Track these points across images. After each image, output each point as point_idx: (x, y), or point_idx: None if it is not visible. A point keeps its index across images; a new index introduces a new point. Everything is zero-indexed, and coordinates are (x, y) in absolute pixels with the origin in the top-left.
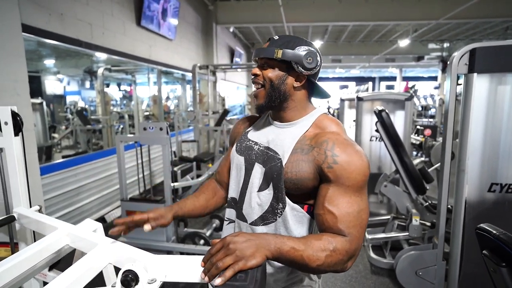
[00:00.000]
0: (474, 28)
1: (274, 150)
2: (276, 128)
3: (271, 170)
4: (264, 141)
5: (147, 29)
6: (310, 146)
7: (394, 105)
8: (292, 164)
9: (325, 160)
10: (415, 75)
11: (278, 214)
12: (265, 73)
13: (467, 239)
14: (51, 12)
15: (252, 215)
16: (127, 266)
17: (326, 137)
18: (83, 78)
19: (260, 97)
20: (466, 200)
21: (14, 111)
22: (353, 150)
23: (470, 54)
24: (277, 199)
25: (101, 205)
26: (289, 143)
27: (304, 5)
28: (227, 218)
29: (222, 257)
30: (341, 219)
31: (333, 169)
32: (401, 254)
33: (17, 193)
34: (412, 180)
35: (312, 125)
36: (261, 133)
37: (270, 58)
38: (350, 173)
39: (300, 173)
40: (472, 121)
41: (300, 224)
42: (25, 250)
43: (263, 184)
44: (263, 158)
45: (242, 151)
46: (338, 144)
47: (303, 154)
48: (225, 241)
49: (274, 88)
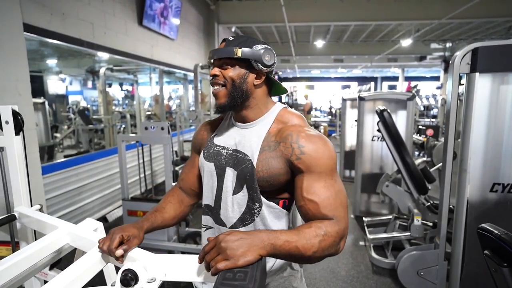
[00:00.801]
0: (477, 28)
1: (243, 152)
2: (240, 129)
3: (243, 172)
4: (231, 144)
5: (149, 28)
6: (276, 142)
7: (396, 105)
8: (262, 163)
9: (292, 153)
10: (417, 75)
11: (255, 214)
12: (226, 72)
13: (469, 239)
14: (53, 11)
15: (230, 219)
16: (126, 265)
17: (289, 130)
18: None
19: (220, 97)
20: (468, 200)
21: (15, 110)
22: (317, 138)
23: (472, 53)
24: (252, 200)
25: (102, 205)
26: (255, 142)
27: (306, 4)
28: (204, 225)
29: (214, 256)
30: (323, 205)
31: (302, 160)
32: (403, 254)
33: (18, 192)
34: (414, 180)
35: (275, 121)
36: (227, 137)
37: (229, 58)
38: (319, 160)
39: (271, 170)
40: (474, 121)
41: (278, 220)
42: (25, 249)
43: (237, 186)
44: (233, 161)
45: (211, 158)
46: (302, 136)
47: (270, 151)
48: (218, 239)
49: (236, 87)
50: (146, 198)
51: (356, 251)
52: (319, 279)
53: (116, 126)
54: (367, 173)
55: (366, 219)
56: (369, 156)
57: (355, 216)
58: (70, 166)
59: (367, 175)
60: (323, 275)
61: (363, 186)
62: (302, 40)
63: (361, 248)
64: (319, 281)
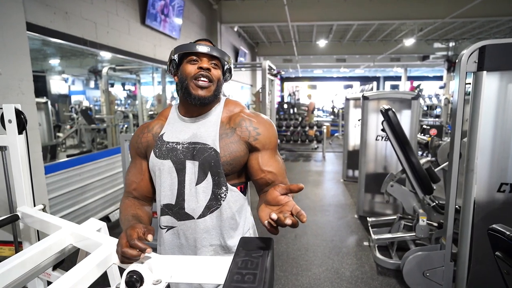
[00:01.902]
0: (480, 27)
1: (202, 143)
2: (192, 123)
3: (206, 160)
4: (185, 138)
5: (151, 28)
6: (231, 128)
7: (401, 104)
8: (224, 149)
9: (250, 135)
10: (420, 74)
11: (222, 199)
12: (215, 72)
13: (476, 240)
14: (56, 10)
15: (198, 208)
16: (131, 267)
17: (239, 117)
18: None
19: (209, 90)
20: (475, 200)
21: (18, 109)
22: (263, 119)
23: (480, 51)
24: (218, 185)
25: (105, 204)
26: (213, 131)
27: (309, 4)
28: (165, 226)
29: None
30: (278, 174)
31: (259, 140)
32: (408, 255)
33: (21, 192)
34: (419, 179)
35: (223, 111)
36: (179, 132)
37: (219, 60)
38: (270, 138)
39: (233, 153)
40: (481, 120)
41: (239, 203)
42: (29, 249)
43: (200, 176)
44: (192, 153)
45: (165, 155)
46: (252, 119)
47: (228, 137)
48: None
49: (219, 88)
50: None
51: (360, 252)
52: (323, 279)
53: (118, 126)
54: (371, 173)
55: (370, 219)
56: (373, 155)
57: (358, 216)
58: (73, 165)
59: (371, 175)
60: (328, 276)
61: (367, 186)
62: (305, 39)
63: (365, 249)
64: (323, 282)
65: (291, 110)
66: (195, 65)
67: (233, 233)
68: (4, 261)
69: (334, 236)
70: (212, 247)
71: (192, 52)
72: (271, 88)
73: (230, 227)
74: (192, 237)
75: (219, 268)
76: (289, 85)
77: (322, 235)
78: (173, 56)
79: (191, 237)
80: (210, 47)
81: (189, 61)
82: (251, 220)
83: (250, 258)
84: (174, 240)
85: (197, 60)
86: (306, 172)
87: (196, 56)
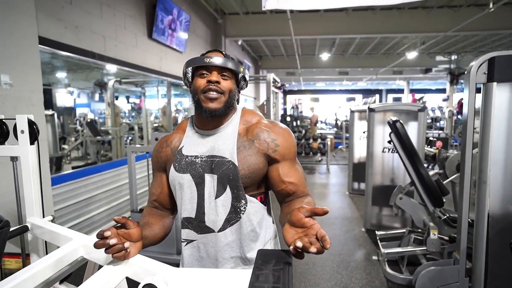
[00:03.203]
0: (482, 40)
1: (220, 156)
2: (210, 136)
3: (225, 174)
4: (203, 152)
5: (158, 41)
6: (249, 140)
7: (407, 116)
8: (242, 161)
9: (268, 147)
10: (422, 87)
11: (241, 212)
12: (226, 83)
13: (492, 255)
14: (67, 25)
15: (218, 222)
16: (146, 280)
17: (257, 128)
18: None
19: (219, 102)
20: (489, 214)
21: (30, 120)
22: (281, 129)
23: (489, 63)
24: (237, 198)
25: (110, 217)
26: (231, 144)
27: (312, 18)
28: (185, 239)
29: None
30: (300, 184)
31: (278, 151)
32: (421, 270)
33: (31, 202)
34: (429, 192)
35: (240, 122)
36: (197, 145)
37: (230, 70)
38: (289, 148)
39: (252, 166)
40: (493, 131)
41: (259, 214)
42: (39, 262)
43: (219, 189)
44: (210, 166)
45: (185, 169)
46: (270, 130)
47: (247, 150)
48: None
49: (231, 99)
50: None
51: (369, 266)
52: None
53: (123, 138)
54: (378, 185)
55: (379, 233)
56: (379, 168)
57: (366, 229)
58: (78, 177)
59: (378, 187)
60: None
61: (374, 198)
62: (308, 53)
63: (374, 263)
64: None
65: (294, 122)
66: (204, 79)
67: (253, 245)
68: (15, 274)
69: (341, 250)
70: (233, 259)
71: (202, 65)
72: (275, 101)
73: (250, 239)
74: (213, 250)
75: (238, 281)
76: (291, 98)
77: (330, 249)
78: (185, 69)
79: (212, 250)
80: (219, 58)
81: (199, 74)
82: (272, 229)
83: (270, 272)
84: (194, 253)
85: (207, 73)
86: (311, 185)
87: (205, 69)
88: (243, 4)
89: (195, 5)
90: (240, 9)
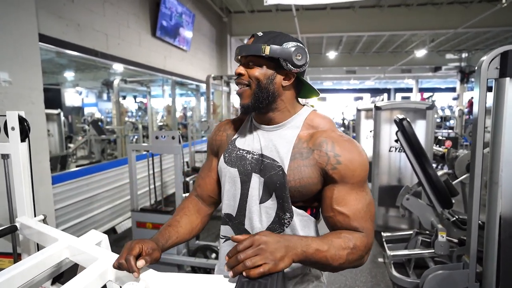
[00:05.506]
0: (494, 37)
1: (271, 158)
2: (265, 132)
3: (272, 180)
4: (256, 148)
5: (162, 40)
6: (308, 149)
7: (415, 114)
8: (294, 171)
9: (328, 162)
10: (431, 86)
11: (285, 224)
12: (252, 72)
13: (504, 259)
14: (69, 22)
15: (257, 229)
16: (127, 285)
17: (323, 137)
18: (101, 90)
19: (245, 97)
20: (500, 216)
21: (21, 116)
22: (352, 146)
23: (502, 57)
24: (283, 209)
25: (112, 216)
26: (285, 148)
27: (319, 15)
28: (223, 235)
29: (252, 256)
30: (353, 217)
31: (338, 170)
32: (428, 273)
33: (21, 201)
34: (437, 192)
35: (304, 125)
36: (251, 140)
37: (256, 56)
38: (354, 171)
39: (304, 180)
40: (505, 129)
41: (307, 229)
42: (23, 262)
43: (264, 195)
44: (259, 167)
45: (234, 162)
46: (337, 143)
47: (303, 159)
48: (255, 240)
49: (261, 89)
50: (155, 210)
51: (375, 269)
52: None
53: (128, 137)
54: (384, 186)
55: (385, 234)
56: (386, 167)
57: None
58: (81, 176)
59: (384, 187)
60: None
61: (380, 199)
62: (314, 51)
63: (380, 265)
64: None
65: None
66: None
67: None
68: None
69: None
70: None
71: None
72: None
73: None
74: None
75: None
76: None
77: None
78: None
79: None
80: (241, 47)
81: None
82: None
83: (256, 280)
84: None
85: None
86: None
87: (238, 62)
88: (248, 2)
89: (200, 3)
90: (246, 7)
